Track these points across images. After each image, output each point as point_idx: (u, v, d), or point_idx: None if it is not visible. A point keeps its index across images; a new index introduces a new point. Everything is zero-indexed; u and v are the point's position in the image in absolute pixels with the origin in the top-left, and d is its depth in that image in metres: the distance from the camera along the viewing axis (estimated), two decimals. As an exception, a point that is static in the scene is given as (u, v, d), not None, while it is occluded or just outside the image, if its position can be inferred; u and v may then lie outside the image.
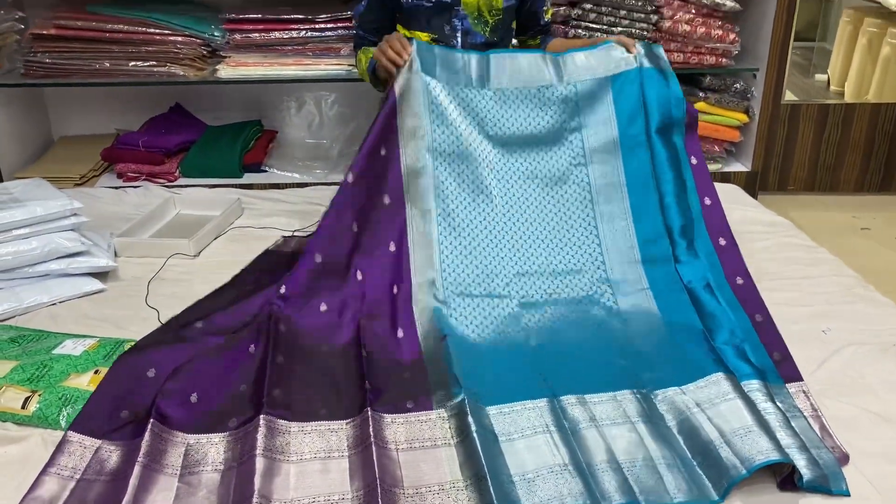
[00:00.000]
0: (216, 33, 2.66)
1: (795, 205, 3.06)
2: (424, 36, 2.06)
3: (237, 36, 2.64)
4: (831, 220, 2.94)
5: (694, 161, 1.79)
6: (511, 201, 1.73)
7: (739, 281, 1.68)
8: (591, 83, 1.80)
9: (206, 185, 2.68)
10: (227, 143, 2.82)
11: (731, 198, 2.57)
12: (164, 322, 1.66)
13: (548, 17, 2.18)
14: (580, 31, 2.68)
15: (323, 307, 1.57)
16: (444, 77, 1.75)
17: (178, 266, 2.03)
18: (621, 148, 1.78)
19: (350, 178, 1.66)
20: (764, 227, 2.33)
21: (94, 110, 3.02)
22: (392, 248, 1.66)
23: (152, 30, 2.62)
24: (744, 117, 2.86)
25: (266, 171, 2.86)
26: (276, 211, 2.44)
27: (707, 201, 1.78)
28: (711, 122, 2.84)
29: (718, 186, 2.66)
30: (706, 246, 1.73)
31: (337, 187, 1.71)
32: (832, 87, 3.73)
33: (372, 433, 1.27)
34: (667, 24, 2.68)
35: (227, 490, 1.19)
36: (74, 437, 1.27)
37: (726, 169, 2.92)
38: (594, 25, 2.69)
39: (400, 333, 1.56)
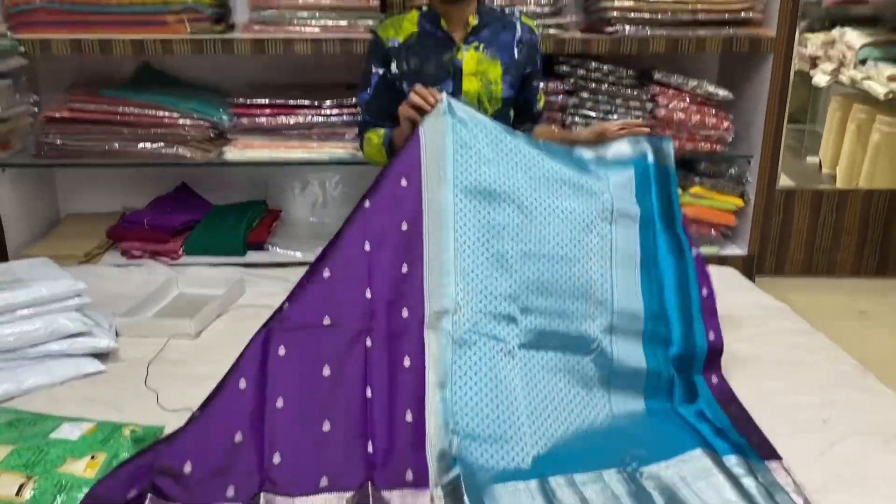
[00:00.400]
0: (224, 117, 2.74)
1: (792, 288, 3.08)
2: None
3: (244, 120, 2.71)
4: (829, 303, 2.96)
5: (694, 251, 1.83)
6: (533, 240, 1.69)
7: (714, 380, 1.72)
8: (617, 155, 1.86)
9: (209, 264, 2.71)
10: (232, 223, 2.86)
11: (727, 281, 2.59)
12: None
13: (539, 105, 2.25)
14: (577, 118, 2.76)
15: (326, 321, 1.53)
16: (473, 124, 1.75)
17: (179, 346, 2.04)
18: (639, 221, 1.80)
19: (367, 203, 1.64)
20: (761, 310, 2.34)
21: (101, 189, 3.08)
22: (405, 269, 1.61)
23: (162, 112, 2.69)
24: (739, 202, 2.92)
25: (269, 250, 2.89)
26: (279, 289, 2.45)
27: (704, 292, 1.81)
28: (707, 206, 2.89)
29: (715, 270, 2.70)
30: (701, 336, 1.76)
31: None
32: (824, 170, 3.81)
33: None
34: (662, 112, 2.76)
35: None
36: None
37: (723, 252, 2.96)
38: (591, 113, 2.77)
39: (406, 362, 1.51)
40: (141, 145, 2.70)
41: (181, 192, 3.08)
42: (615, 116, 2.78)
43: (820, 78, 3.69)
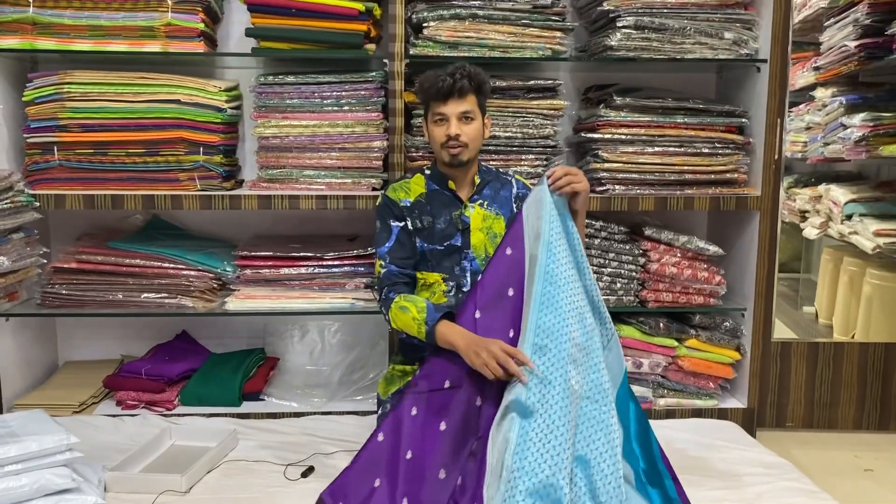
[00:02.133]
0: (228, 268, 2.80)
1: (795, 442, 3.03)
2: (435, 276, 2.19)
3: (248, 271, 2.77)
4: (832, 459, 2.90)
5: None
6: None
7: None
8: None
9: (203, 414, 2.69)
10: (229, 373, 2.86)
11: (729, 437, 2.57)
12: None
13: None
14: (573, 271, 2.83)
15: (447, 384, 1.96)
16: None
17: (169, 503, 2.00)
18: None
19: (477, 314, 1.99)
20: (764, 468, 2.31)
21: (101, 336, 3.10)
22: (511, 334, 1.94)
23: (167, 264, 2.76)
24: (736, 354, 2.92)
25: (265, 400, 2.87)
26: (271, 442, 2.43)
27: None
28: (704, 358, 2.89)
29: (716, 424, 2.69)
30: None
31: (334, 417, 2.52)
32: (821, 320, 3.83)
33: None
34: (654, 266, 2.83)
35: None
36: None
37: (723, 405, 2.93)
38: (586, 266, 2.84)
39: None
40: (144, 295, 2.75)
41: (181, 341, 3.10)
42: (608, 270, 2.84)
43: (809, 231, 3.79)
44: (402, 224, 2.21)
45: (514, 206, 2.25)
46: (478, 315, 1.98)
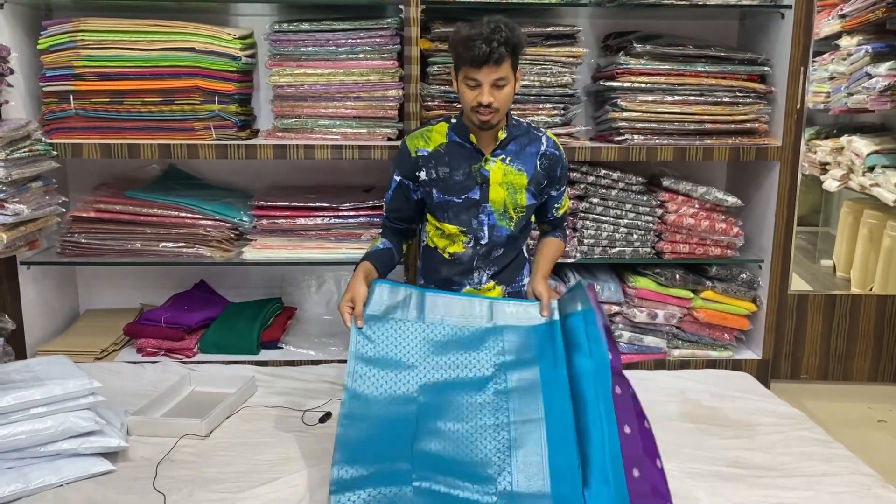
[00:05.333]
0: (244, 218, 2.81)
1: (809, 394, 3.04)
2: (453, 228, 2.16)
3: (264, 221, 2.78)
4: (846, 411, 2.91)
5: (618, 391, 1.80)
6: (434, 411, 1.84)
7: None
8: (517, 329, 2.00)
9: (222, 362, 2.73)
10: (247, 321, 2.90)
11: (743, 387, 2.57)
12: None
13: (559, 212, 2.30)
14: (588, 222, 2.82)
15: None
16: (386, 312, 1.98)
17: (189, 447, 2.04)
18: (542, 387, 1.88)
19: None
20: (778, 418, 2.31)
21: (121, 285, 3.14)
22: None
23: (184, 214, 2.78)
24: (752, 306, 2.92)
25: (282, 349, 2.91)
26: (289, 389, 2.47)
27: (626, 430, 1.77)
28: (719, 310, 2.89)
29: (730, 375, 2.69)
30: (618, 474, 1.71)
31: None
32: (839, 274, 3.81)
33: None
34: (671, 217, 2.81)
35: None
36: None
37: (737, 357, 2.94)
38: (602, 218, 2.83)
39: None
40: (162, 245, 2.77)
41: (199, 290, 3.13)
42: (624, 221, 2.83)
43: (830, 184, 3.75)
44: (400, 179, 2.20)
45: (538, 163, 2.17)
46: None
